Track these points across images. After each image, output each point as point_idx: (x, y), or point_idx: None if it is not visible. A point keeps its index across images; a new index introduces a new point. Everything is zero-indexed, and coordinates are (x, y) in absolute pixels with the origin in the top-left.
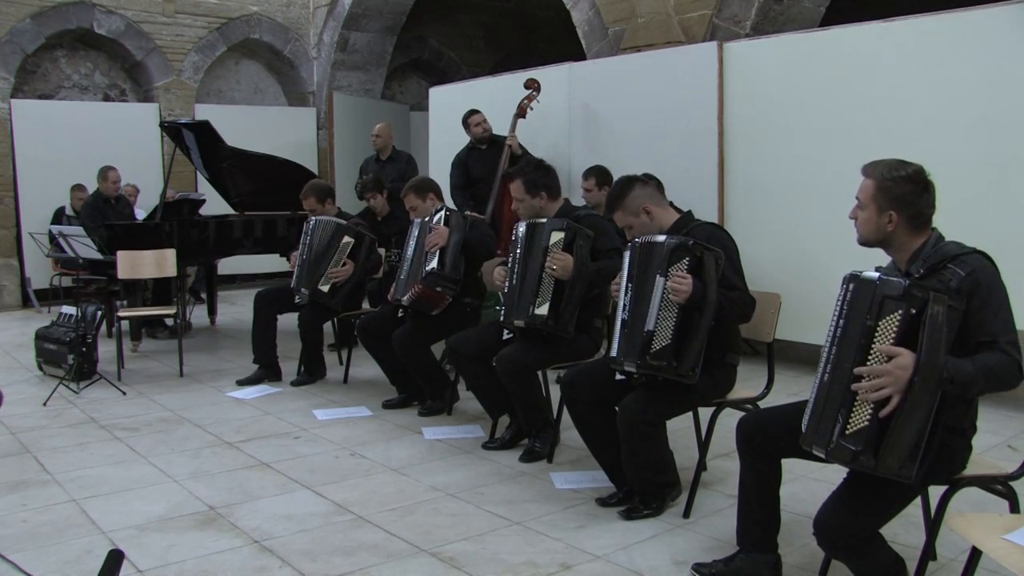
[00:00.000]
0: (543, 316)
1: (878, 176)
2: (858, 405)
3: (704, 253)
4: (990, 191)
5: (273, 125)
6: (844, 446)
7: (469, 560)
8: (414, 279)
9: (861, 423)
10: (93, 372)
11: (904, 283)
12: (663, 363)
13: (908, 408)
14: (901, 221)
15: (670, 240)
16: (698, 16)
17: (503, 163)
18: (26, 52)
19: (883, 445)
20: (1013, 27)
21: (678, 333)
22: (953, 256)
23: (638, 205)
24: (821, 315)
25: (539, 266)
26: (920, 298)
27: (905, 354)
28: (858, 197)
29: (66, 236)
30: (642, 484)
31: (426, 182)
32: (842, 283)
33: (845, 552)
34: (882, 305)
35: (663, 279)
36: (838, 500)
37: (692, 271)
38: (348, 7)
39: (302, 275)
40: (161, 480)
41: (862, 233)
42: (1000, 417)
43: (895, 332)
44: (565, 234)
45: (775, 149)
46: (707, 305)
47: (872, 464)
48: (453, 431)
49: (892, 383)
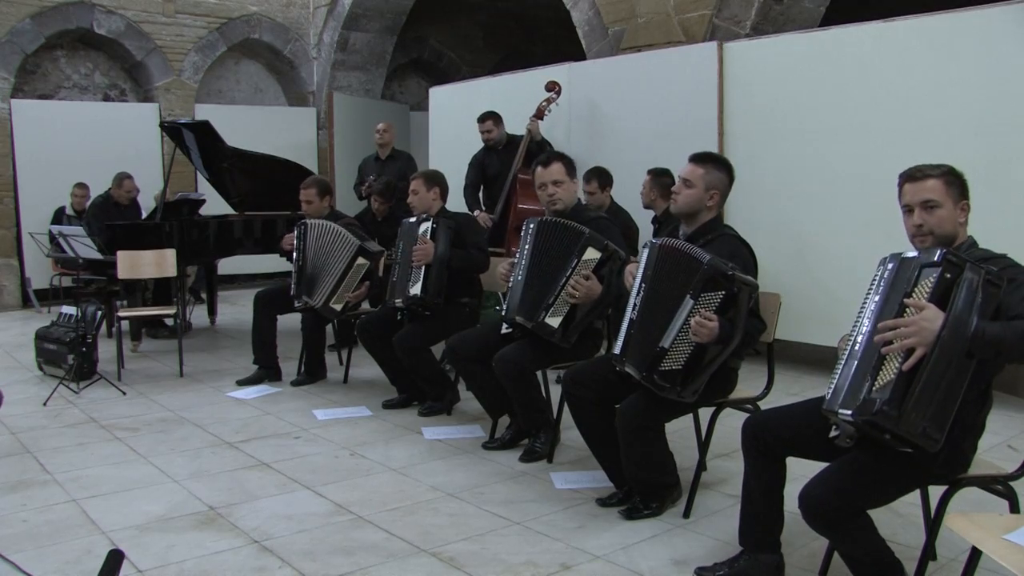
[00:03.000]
0: (552, 328)
1: (942, 173)
2: (887, 361)
3: (741, 289)
4: (990, 191)
5: (273, 125)
6: (870, 399)
7: (469, 560)
8: (403, 291)
9: (888, 377)
10: (93, 372)
11: (943, 251)
12: (667, 385)
13: (935, 363)
14: (968, 209)
15: (712, 263)
16: (698, 16)
17: (520, 153)
18: (26, 52)
19: (908, 398)
20: (1013, 27)
21: (691, 361)
22: (986, 258)
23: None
24: (821, 315)
25: (563, 278)
26: (957, 264)
27: (933, 308)
28: (928, 200)
29: (66, 236)
30: (642, 484)
31: (438, 176)
32: (880, 264)
33: (825, 526)
34: (920, 273)
35: (692, 302)
36: (824, 475)
37: (723, 305)
38: (348, 7)
39: (302, 282)
40: (161, 480)
41: (943, 231)
42: (1000, 417)
43: (928, 293)
44: (601, 255)
45: (775, 149)
46: (730, 344)
47: (896, 416)
48: (453, 431)
49: (916, 333)
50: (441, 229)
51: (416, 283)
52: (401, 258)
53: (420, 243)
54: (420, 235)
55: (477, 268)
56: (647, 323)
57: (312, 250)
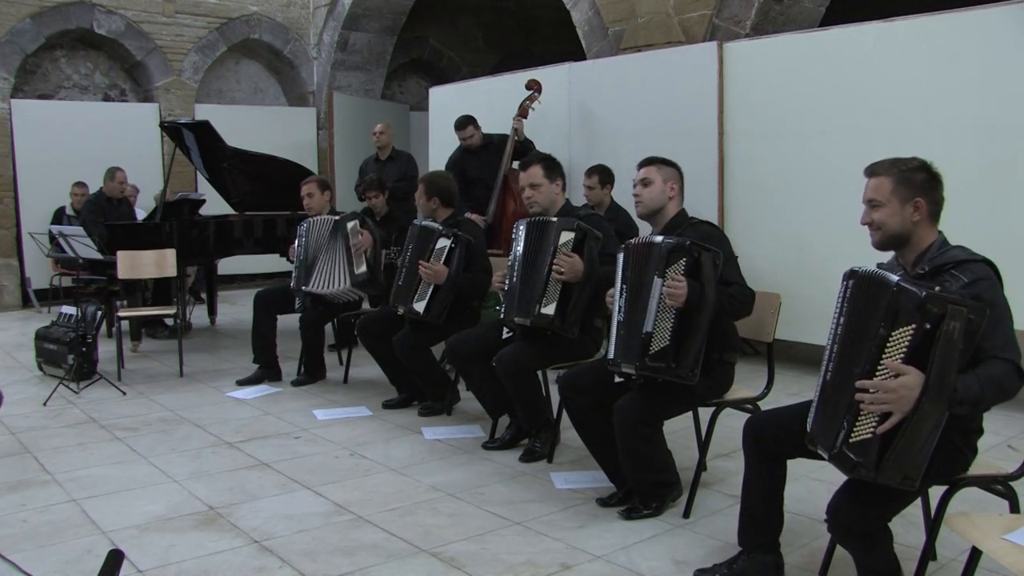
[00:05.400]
0: (549, 316)
1: (892, 170)
2: (863, 415)
3: (702, 253)
4: (990, 191)
5: (273, 125)
6: (846, 454)
7: (469, 560)
8: (406, 300)
9: (864, 434)
10: (93, 372)
11: (922, 294)
12: (662, 364)
13: (914, 424)
14: (926, 209)
15: (667, 241)
16: (698, 16)
17: (508, 153)
18: (26, 52)
19: (886, 458)
20: (1013, 27)
21: (677, 334)
22: (959, 262)
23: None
24: (821, 315)
25: (546, 266)
26: (936, 313)
27: (913, 374)
28: (872, 199)
29: (66, 236)
30: (641, 484)
31: (438, 184)
32: (843, 279)
33: (855, 541)
34: (897, 315)
35: (660, 280)
36: (850, 489)
37: (690, 272)
38: (348, 7)
39: (301, 275)
40: (161, 480)
41: (886, 231)
42: (1000, 417)
43: (907, 346)
44: (575, 235)
45: (775, 149)
46: (705, 305)
47: (872, 476)
48: (453, 431)
49: (895, 401)
50: (458, 252)
51: (421, 300)
52: (408, 263)
53: (434, 262)
54: (436, 250)
55: (481, 292)
56: (632, 321)
57: (312, 245)
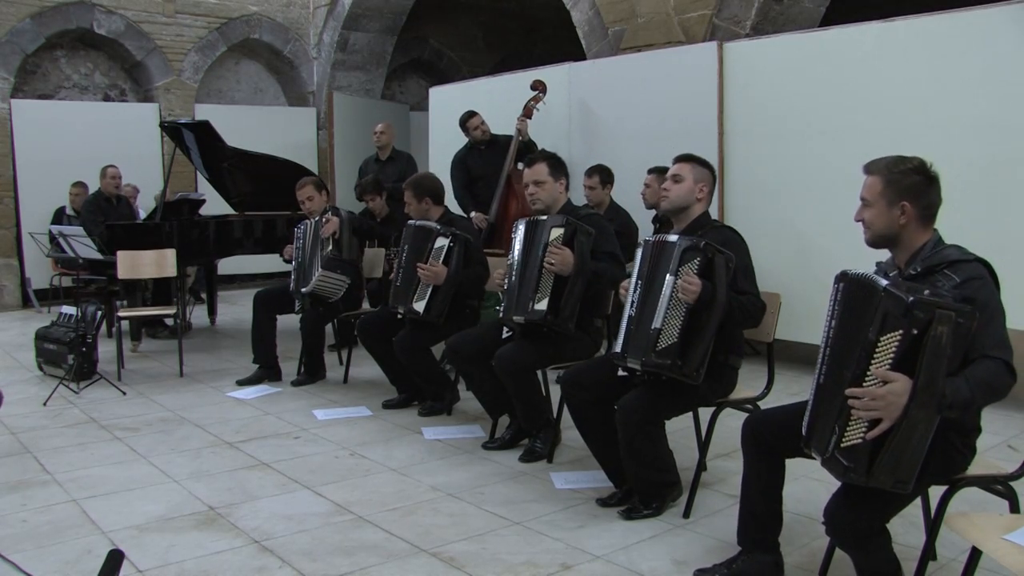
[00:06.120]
0: (542, 311)
1: (884, 171)
2: (854, 420)
3: (715, 255)
4: (990, 191)
5: (273, 125)
6: (837, 459)
7: (469, 560)
8: (404, 300)
9: (855, 439)
10: (93, 372)
11: (908, 300)
12: (668, 361)
13: (904, 430)
14: (914, 213)
15: (683, 240)
16: (698, 16)
17: (511, 153)
18: (26, 52)
19: (876, 463)
20: (1013, 27)
21: (685, 332)
22: (952, 261)
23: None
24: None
25: (538, 262)
26: (923, 319)
27: (900, 381)
28: (863, 197)
29: (66, 236)
30: (642, 483)
31: (425, 185)
32: (834, 281)
33: (853, 543)
34: (884, 320)
35: (673, 279)
36: (845, 492)
37: (702, 272)
38: (348, 7)
39: (300, 277)
40: (161, 480)
41: (874, 231)
42: (1000, 417)
43: (894, 352)
44: (565, 230)
45: (775, 149)
46: (715, 306)
47: (863, 480)
48: (453, 431)
49: (883, 408)
50: (456, 250)
51: (421, 300)
52: (405, 264)
53: (433, 262)
54: (435, 250)
55: (480, 286)
56: (643, 316)
57: (307, 247)
